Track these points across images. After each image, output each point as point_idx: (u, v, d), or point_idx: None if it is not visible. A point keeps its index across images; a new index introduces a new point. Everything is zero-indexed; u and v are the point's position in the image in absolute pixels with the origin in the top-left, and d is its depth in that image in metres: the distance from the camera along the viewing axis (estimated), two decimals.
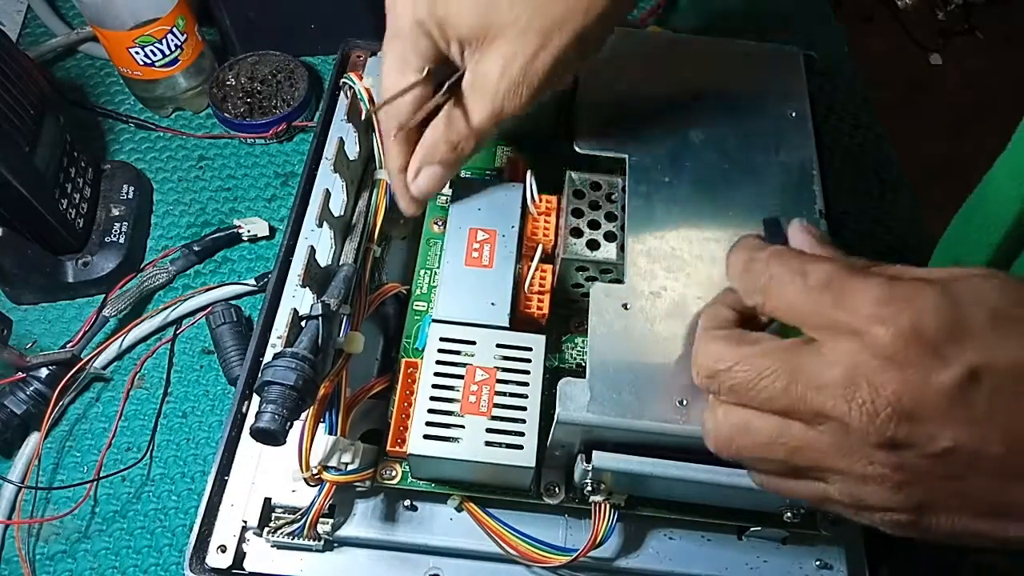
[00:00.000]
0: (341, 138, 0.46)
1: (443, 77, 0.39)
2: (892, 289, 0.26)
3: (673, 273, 0.40)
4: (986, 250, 0.43)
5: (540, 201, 0.45)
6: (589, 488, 0.38)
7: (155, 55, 0.62)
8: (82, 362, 0.53)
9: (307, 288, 0.40)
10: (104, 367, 0.55)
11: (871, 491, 0.27)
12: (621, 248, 0.42)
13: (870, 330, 0.25)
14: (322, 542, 0.41)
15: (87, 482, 0.51)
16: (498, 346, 0.39)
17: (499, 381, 0.38)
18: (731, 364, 0.28)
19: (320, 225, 0.43)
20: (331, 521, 0.41)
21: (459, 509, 0.41)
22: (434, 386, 0.38)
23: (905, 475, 0.26)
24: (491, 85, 0.37)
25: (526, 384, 0.38)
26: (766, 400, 0.27)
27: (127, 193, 0.61)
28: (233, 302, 0.57)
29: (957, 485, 0.26)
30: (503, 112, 0.38)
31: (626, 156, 0.44)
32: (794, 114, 0.46)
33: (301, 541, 0.41)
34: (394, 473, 0.41)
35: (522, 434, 0.37)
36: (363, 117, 0.47)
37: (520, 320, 0.42)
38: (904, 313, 0.25)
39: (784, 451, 0.27)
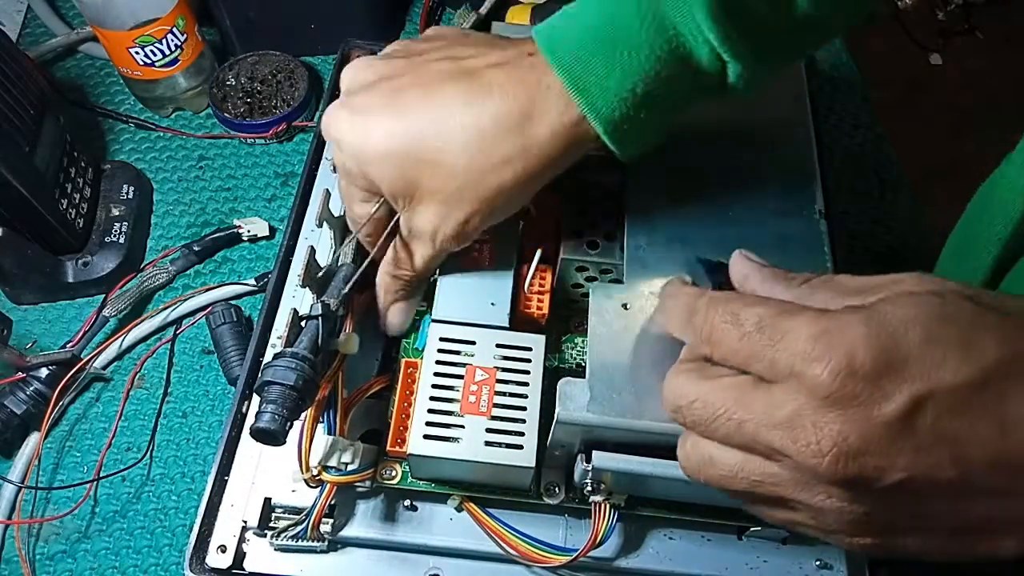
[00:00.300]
0: None
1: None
2: (824, 323, 0.26)
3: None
4: (995, 246, 0.43)
5: (540, 201, 0.45)
6: (589, 488, 0.38)
7: (155, 55, 0.62)
8: (82, 362, 0.53)
9: (307, 288, 0.40)
10: (104, 367, 0.55)
11: (834, 520, 0.27)
12: (621, 248, 0.42)
13: (806, 371, 0.25)
14: (326, 543, 0.41)
15: (87, 482, 0.51)
16: (498, 346, 0.39)
17: (499, 381, 0.38)
18: (691, 400, 0.28)
19: (320, 225, 0.43)
20: (331, 521, 0.41)
21: (459, 509, 0.41)
22: (434, 386, 0.38)
23: (863, 506, 0.26)
24: (426, 236, 0.38)
25: (526, 384, 0.38)
26: (724, 436, 0.28)
27: (127, 193, 0.61)
28: (233, 302, 0.57)
29: (916, 510, 0.26)
30: (444, 253, 0.39)
31: None
32: (794, 114, 0.46)
33: (305, 543, 0.41)
34: (394, 473, 0.41)
35: (522, 434, 0.37)
36: None
37: (520, 320, 0.42)
38: (836, 349, 0.25)
39: (746, 483, 0.28)
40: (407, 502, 0.42)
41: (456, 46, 0.38)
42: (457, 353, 0.39)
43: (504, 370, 0.38)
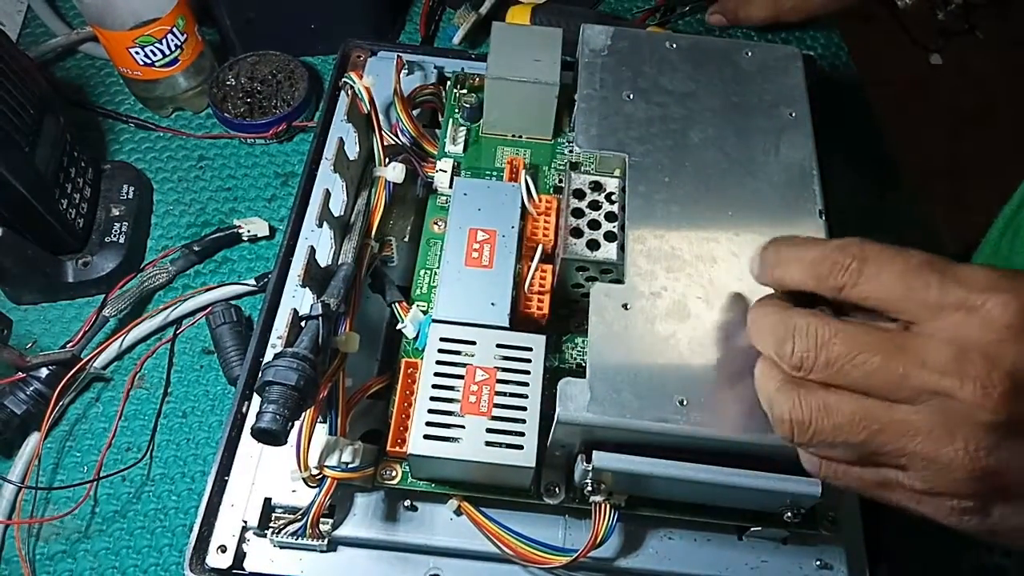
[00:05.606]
0: (341, 138, 0.46)
1: None
2: (998, 270, 0.25)
3: (673, 273, 0.40)
4: None
5: (540, 201, 0.45)
6: (589, 488, 0.38)
7: (155, 55, 0.62)
8: (82, 362, 0.53)
9: (307, 288, 0.41)
10: (104, 367, 0.55)
11: (952, 478, 0.26)
12: (621, 248, 0.42)
13: (985, 304, 0.24)
14: (325, 542, 0.41)
15: (87, 482, 0.51)
16: (498, 346, 0.39)
17: (499, 381, 0.38)
18: (829, 337, 0.27)
19: (320, 225, 0.43)
20: (331, 521, 0.41)
21: (458, 513, 0.41)
22: (434, 386, 0.38)
23: (997, 461, 0.25)
24: None
25: (526, 384, 0.38)
26: (860, 377, 0.26)
27: (127, 193, 0.61)
28: (233, 302, 0.57)
29: None
30: None
31: (626, 156, 0.44)
32: (793, 114, 0.46)
33: (305, 541, 0.41)
34: (394, 473, 0.41)
35: (522, 434, 0.37)
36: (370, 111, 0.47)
37: (520, 320, 0.42)
38: (1021, 288, 0.24)
39: (866, 433, 0.27)
40: (407, 502, 0.42)
41: None
42: (457, 353, 0.39)
43: (504, 370, 0.38)
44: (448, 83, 0.54)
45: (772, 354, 0.30)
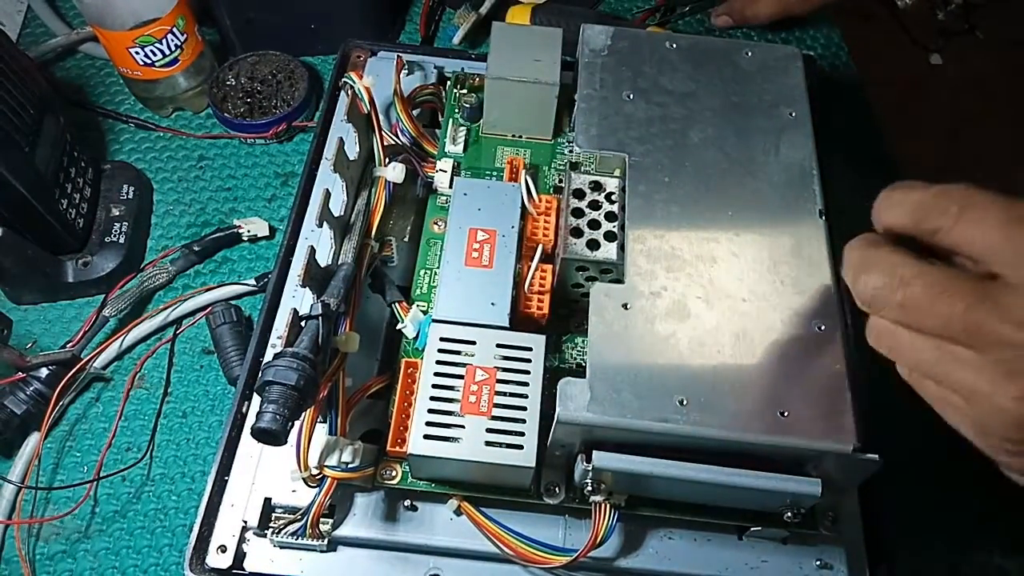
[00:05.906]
0: (341, 138, 0.46)
1: None
2: None
3: (673, 273, 0.40)
4: None
5: (540, 201, 0.45)
6: (589, 488, 0.38)
7: (155, 55, 0.62)
8: (82, 362, 0.53)
9: (307, 288, 0.41)
10: (104, 367, 0.55)
11: (1002, 420, 0.26)
12: (621, 248, 0.42)
13: None
14: (325, 542, 0.41)
15: (87, 482, 0.51)
16: (498, 346, 0.39)
17: (499, 381, 0.38)
18: (911, 277, 0.27)
19: (320, 225, 0.43)
20: (331, 521, 0.41)
21: (458, 513, 0.41)
22: (434, 386, 0.38)
23: None
24: None
25: (526, 384, 0.38)
26: (938, 324, 0.26)
27: (127, 193, 0.61)
28: (233, 302, 0.57)
29: None
30: None
31: (626, 156, 0.44)
32: (793, 114, 0.46)
33: (305, 541, 0.41)
34: (394, 473, 0.41)
35: (522, 434, 0.37)
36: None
37: (520, 320, 0.42)
38: None
39: (937, 371, 0.27)
40: (407, 502, 0.42)
41: None
42: (457, 353, 0.39)
43: (504, 370, 0.38)
44: (448, 83, 0.54)
45: (849, 286, 0.29)
